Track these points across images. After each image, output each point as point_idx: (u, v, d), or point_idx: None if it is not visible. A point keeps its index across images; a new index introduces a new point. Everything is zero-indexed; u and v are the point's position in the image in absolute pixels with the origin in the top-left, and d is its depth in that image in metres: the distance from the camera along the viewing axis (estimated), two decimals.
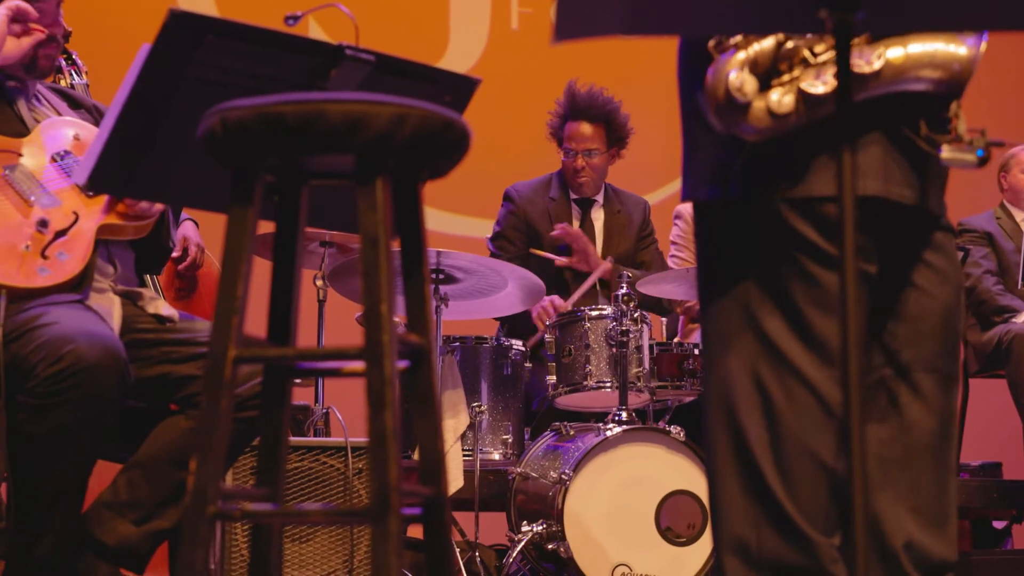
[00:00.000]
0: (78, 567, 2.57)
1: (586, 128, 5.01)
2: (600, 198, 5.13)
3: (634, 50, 6.76)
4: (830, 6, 1.43)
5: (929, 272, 2.03)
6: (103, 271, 2.68)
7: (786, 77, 1.81)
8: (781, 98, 1.80)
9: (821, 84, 1.79)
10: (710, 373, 2.02)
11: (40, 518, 2.46)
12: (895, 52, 1.80)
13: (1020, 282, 4.89)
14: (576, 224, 5.05)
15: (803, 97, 1.80)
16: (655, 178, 6.78)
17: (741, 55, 1.80)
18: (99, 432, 2.46)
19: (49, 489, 2.45)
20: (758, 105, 1.81)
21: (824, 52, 1.80)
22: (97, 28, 5.68)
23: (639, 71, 6.74)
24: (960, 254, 4.92)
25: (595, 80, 5.31)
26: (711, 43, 1.82)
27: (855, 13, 1.43)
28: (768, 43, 1.81)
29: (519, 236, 5.01)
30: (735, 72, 1.80)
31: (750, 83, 1.80)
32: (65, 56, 3.42)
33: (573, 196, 5.10)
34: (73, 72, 3.42)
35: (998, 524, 5.56)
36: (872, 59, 1.79)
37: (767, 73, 1.81)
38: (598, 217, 5.11)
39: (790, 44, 1.80)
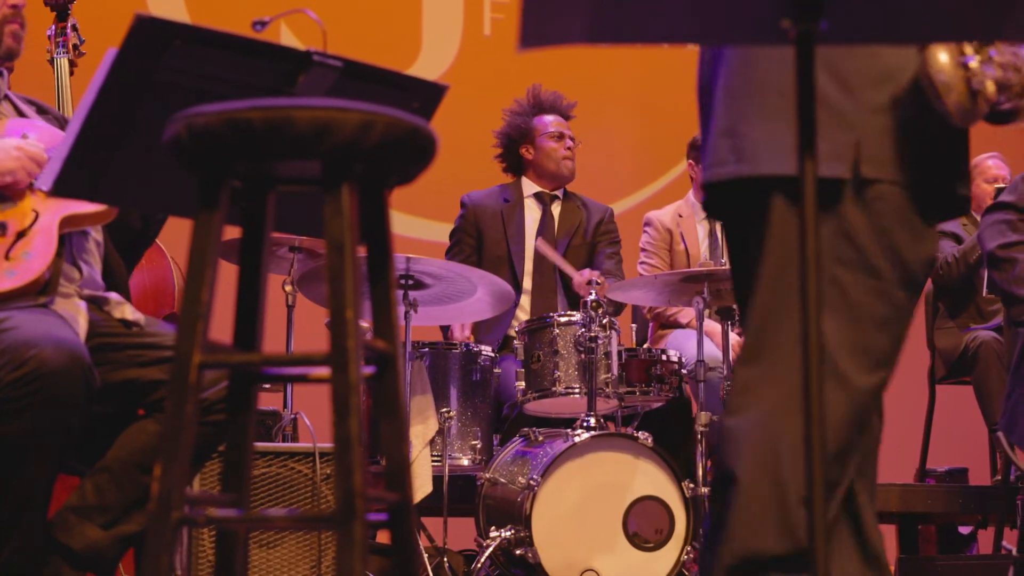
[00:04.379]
0: (43, 572, 2.55)
1: (562, 119, 5.18)
2: (560, 194, 5.18)
3: (606, 59, 6.79)
4: (793, 16, 1.44)
5: None
6: (69, 276, 2.67)
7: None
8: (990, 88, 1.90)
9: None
10: (754, 369, 1.96)
11: (5, 524, 2.45)
12: None
13: (985, 290, 4.93)
14: (538, 217, 5.09)
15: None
16: (622, 187, 6.80)
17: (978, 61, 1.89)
18: (64, 437, 2.44)
19: (14, 495, 2.44)
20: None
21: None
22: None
23: (611, 80, 6.77)
24: None
25: (566, 89, 5.36)
26: (950, 50, 1.90)
27: (818, 23, 1.44)
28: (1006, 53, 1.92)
29: (470, 241, 5.07)
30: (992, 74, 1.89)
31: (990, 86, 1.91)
32: (60, 28, 3.27)
33: (534, 191, 5.13)
34: (59, 44, 3.25)
35: (964, 529, 5.60)
36: None
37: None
38: (557, 211, 5.15)
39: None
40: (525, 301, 4.99)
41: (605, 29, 1.47)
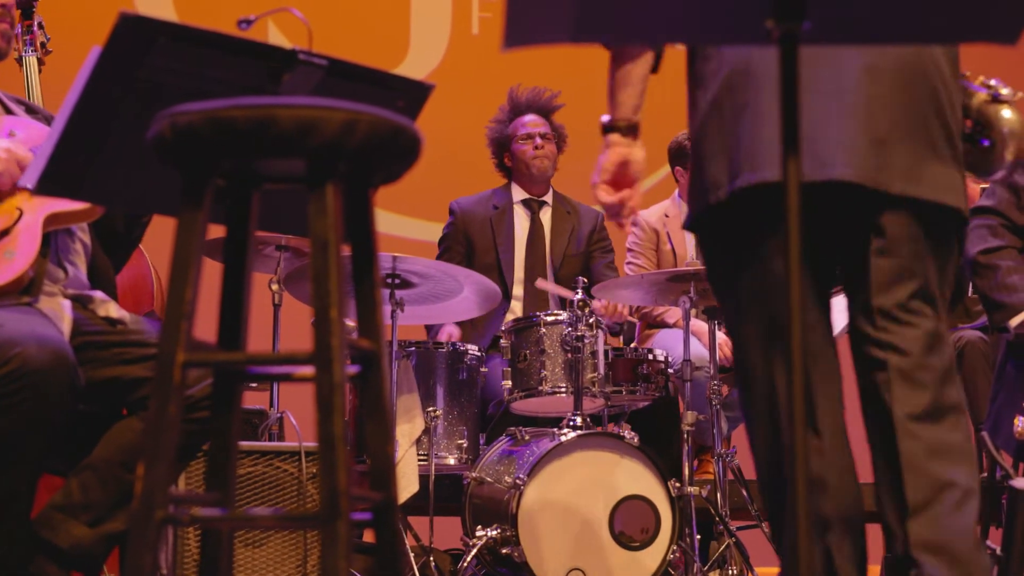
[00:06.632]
0: (28, 571, 2.55)
1: (536, 117, 5.15)
2: (549, 199, 5.17)
3: (592, 59, 6.78)
4: (776, 16, 1.45)
5: None
6: (53, 276, 2.66)
7: None
8: None
9: None
10: None
11: None
12: None
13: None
14: (526, 225, 5.09)
15: None
16: None
17: None
18: (48, 436, 2.44)
19: None
20: None
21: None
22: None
23: (597, 80, 6.75)
24: None
25: (552, 88, 5.33)
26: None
27: (801, 23, 1.45)
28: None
29: (459, 249, 5.07)
30: None
31: None
32: (27, 26, 3.25)
33: (522, 197, 5.13)
34: (27, 43, 3.23)
35: None
36: None
37: None
38: (546, 218, 5.14)
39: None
40: (517, 307, 4.99)
41: (589, 28, 1.47)
